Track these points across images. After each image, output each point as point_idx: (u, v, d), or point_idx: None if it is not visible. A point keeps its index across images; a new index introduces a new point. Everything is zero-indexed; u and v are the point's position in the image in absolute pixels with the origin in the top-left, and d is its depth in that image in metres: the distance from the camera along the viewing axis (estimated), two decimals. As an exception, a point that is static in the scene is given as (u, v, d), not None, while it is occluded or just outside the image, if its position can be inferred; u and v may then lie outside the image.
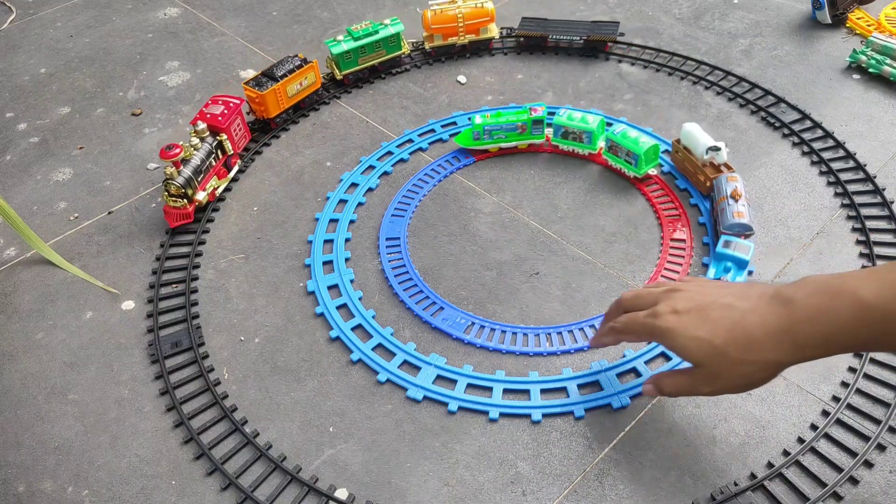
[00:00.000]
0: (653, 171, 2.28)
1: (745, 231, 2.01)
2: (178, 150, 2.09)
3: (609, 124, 2.43)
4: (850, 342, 0.96)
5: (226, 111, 2.29)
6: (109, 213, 2.34)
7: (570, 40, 2.77)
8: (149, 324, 1.98)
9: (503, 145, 2.42)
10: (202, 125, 2.21)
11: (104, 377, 1.87)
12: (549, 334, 1.90)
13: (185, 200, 2.16)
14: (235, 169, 2.39)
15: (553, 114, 2.42)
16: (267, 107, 2.47)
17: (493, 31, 2.83)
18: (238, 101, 2.35)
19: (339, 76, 2.68)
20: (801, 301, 0.97)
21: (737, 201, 2.03)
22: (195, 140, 2.19)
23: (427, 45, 2.80)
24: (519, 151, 2.44)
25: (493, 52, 2.87)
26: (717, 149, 2.12)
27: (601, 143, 2.35)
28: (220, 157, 2.31)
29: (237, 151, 2.40)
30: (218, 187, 2.30)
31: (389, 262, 2.12)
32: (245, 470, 1.65)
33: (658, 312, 1.11)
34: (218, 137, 2.27)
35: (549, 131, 2.40)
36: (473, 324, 1.94)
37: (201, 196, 2.20)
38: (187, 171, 2.14)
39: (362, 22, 2.69)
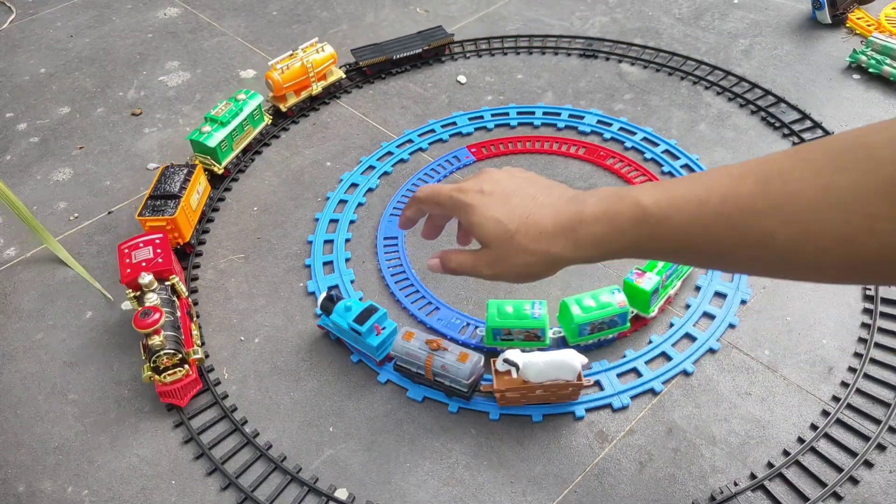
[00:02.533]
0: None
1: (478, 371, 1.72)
2: (158, 315, 1.67)
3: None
4: (624, 245, 0.98)
5: (160, 251, 1.86)
6: (109, 213, 2.34)
7: (413, 54, 2.73)
8: (149, 324, 1.98)
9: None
10: (148, 277, 1.74)
11: (104, 377, 1.87)
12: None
13: (185, 366, 1.70)
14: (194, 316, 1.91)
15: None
16: (181, 231, 2.04)
17: (338, 72, 2.69)
18: (160, 235, 1.91)
19: (219, 170, 2.32)
20: (592, 203, 1.00)
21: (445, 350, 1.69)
22: (151, 298, 1.74)
23: (283, 107, 2.56)
24: (519, 151, 2.44)
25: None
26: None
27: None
28: (179, 302, 1.87)
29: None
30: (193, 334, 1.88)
31: (387, 261, 2.12)
32: (245, 470, 1.65)
33: (464, 188, 1.13)
34: (168, 282, 1.85)
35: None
36: (468, 324, 1.94)
37: (199, 352, 1.78)
38: (169, 330, 1.68)
39: (217, 105, 2.33)
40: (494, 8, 3.14)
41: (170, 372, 1.71)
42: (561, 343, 1.83)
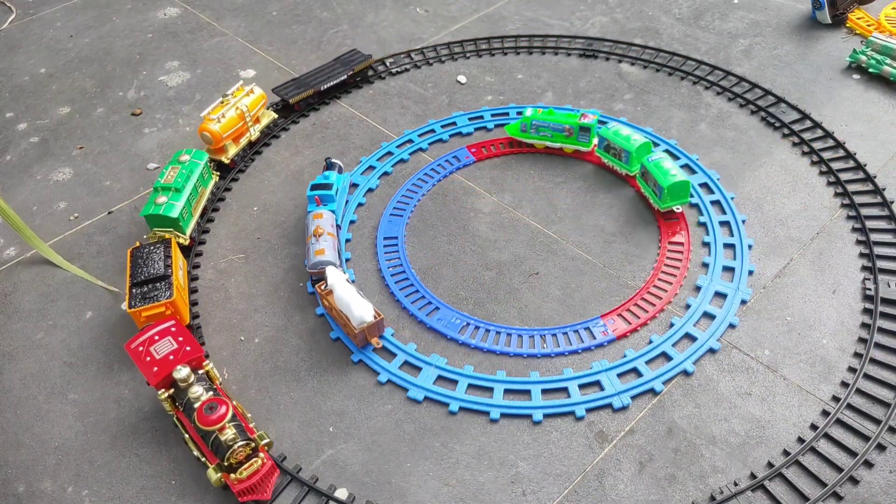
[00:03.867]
0: (677, 209, 2.16)
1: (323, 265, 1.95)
2: (225, 409, 1.51)
3: (656, 144, 2.38)
4: None
5: (181, 338, 1.69)
6: (109, 213, 2.34)
7: (339, 82, 2.64)
8: (149, 324, 1.98)
9: (549, 144, 2.37)
10: (184, 370, 1.58)
11: (104, 377, 1.87)
12: (545, 335, 1.90)
13: (259, 455, 1.56)
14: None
15: (604, 123, 2.42)
16: (181, 312, 1.88)
17: (270, 113, 2.57)
18: (173, 321, 1.74)
19: (185, 241, 2.11)
20: None
21: (318, 234, 1.98)
22: (196, 391, 1.57)
23: (224, 159, 2.38)
24: (520, 151, 2.44)
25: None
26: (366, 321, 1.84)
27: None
28: (217, 388, 1.70)
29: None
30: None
31: (387, 261, 2.11)
32: (245, 470, 1.65)
33: None
34: (203, 369, 1.69)
35: (595, 140, 2.34)
36: (468, 324, 1.94)
37: (265, 435, 1.61)
38: (232, 420, 1.54)
39: (167, 169, 2.12)
40: (494, 8, 3.14)
41: (245, 466, 1.51)
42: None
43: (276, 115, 2.60)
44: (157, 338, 1.68)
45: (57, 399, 1.82)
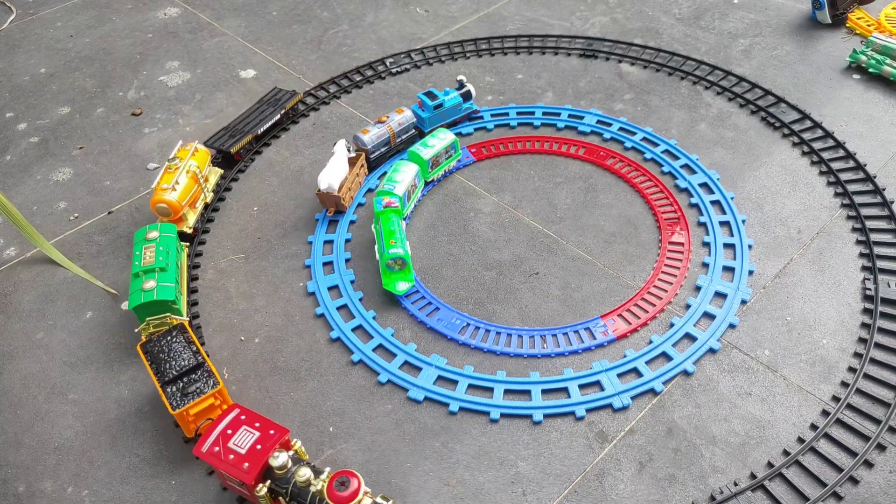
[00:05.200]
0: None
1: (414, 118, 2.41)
2: (357, 483, 1.42)
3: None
4: None
5: (258, 423, 1.54)
6: (109, 213, 2.34)
7: (274, 123, 2.54)
8: (149, 324, 1.98)
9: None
10: (282, 456, 1.46)
11: (104, 377, 1.87)
12: (545, 336, 1.90)
13: None
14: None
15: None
16: (227, 399, 1.72)
17: (216, 170, 2.38)
18: (237, 409, 1.57)
19: (185, 320, 1.84)
20: None
21: (387, 117, 2.36)
22: (304, 473, 1.45)
23: (186, 228, 2.16)
24: (519, 151, 2.44)
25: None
26: (347, 145, 2.30)
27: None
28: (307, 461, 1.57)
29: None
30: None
31: (389, 262, 2.12)
32: (245, 470, 1.65)
33: None
34: (292, 448, 1.56)
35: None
36: (468, 324, 1.94)
37: (381, 498, 1.47)
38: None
39: (138, 251, 1.89)
40: (494, 8, 3.14)
41: None
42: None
43: (221, 171, 2.37)
44: (230, 432, 1.52)
45: (57, 399, 1.82)
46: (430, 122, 2.43)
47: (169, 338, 1.72)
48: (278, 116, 2.55)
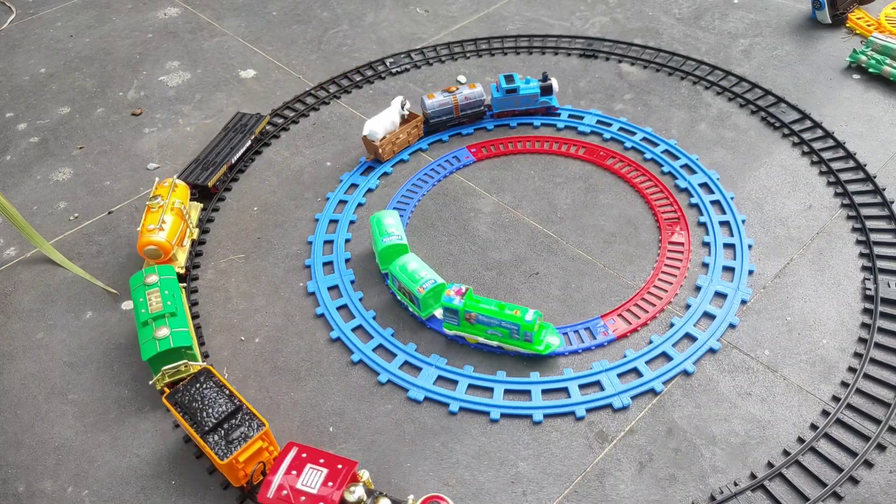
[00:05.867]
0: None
1: (482, 96, 2.43)
2: None
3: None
4: None
5: (322, 459, 1.49)
6: (109, 213, 2.34)
7: (246, 149, 2.42)
8: (149, 324, 1.98)
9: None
10: (357, 490, 1.43)
11: (104, 377, 1.87)
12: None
13: None
14: None
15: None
16: (273, 440, 1.63)
17: (195, 204, 2.26)
18: (294, 448, 1.50)
19: (200, 366, 1.73)
20: None
21: (457, 88, 2.42)
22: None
23: (180, 268, 2.03)
24: (519, 151, 2.44)
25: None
26: (404, 101, 2.41)
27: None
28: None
29: None
30: None
31: (389, 262, 2.12)
32: (245, 470, 1.65)
33: None
34: (360, 480, 1.51)
35: None
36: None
37: None
38: None
39: (140, 298, 1.76)
40: (494, 8, 3.14)
41: None
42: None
43: (201, 205, 2.26)
44: (294, 473, 1.45)
45: (57, 399, 1.82)
46: (500, 105, 2.48)
47: (198, 385, 1.61)
48: (249, 142, 2.46)
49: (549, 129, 2.51)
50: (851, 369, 1.76)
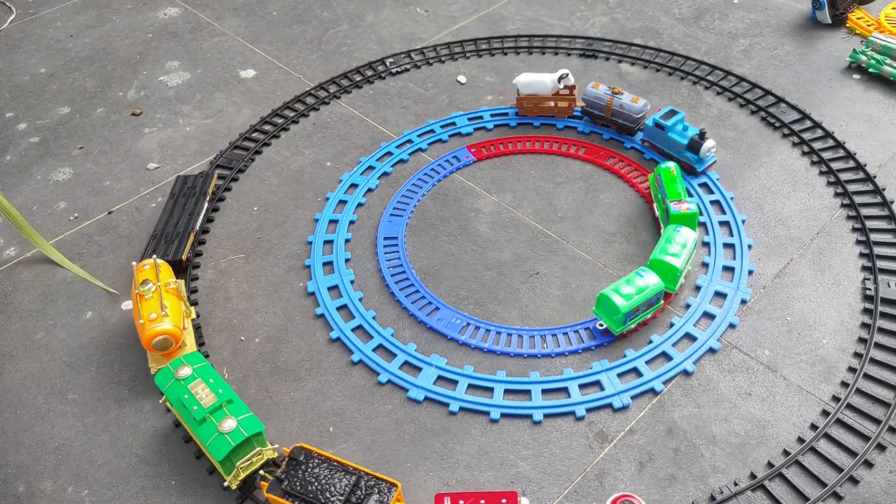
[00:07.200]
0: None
1: (648, 108, 2.36)
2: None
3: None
4: None
5: (483, 500, 1.45)
6: (109, 213, 2.34)
7: (207, 210, 2.22)
8: (149, 324, 1.98)
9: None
10: None
11: (104, 377, 1.87)
12: (545, 336, 1.90)
13: None
14: None
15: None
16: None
17: (179, 282, 1.96)
18: (445, 497, 1.46)
19: (273, 453, 1.61)
20: None
21: (622, 94, 2.36)
22: None
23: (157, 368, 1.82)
24: (519, 151, 2.44)
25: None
26: (565, 75, 2.42)
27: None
28: None
29: None
30: None
31: (387, 260, 2.12)
32: (245, 470, 1.65)
33: None
34: None
35: None
36: (468, 324, 1.94)
37: None
38: None
39: (179, 395, 1.56)
40: (494, 8, 3.14)
41: None
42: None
43: (182, 282, 2.01)
44: None
45: (57, 399, 1.82)
46: (648, 133, 2.34)
47: (302, 467, 1.49)
48: (206, 203, 2.24)
49: (550, 129, 2.51)
50: (851, 369, 1.76)
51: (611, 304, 1.81)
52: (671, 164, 2.11)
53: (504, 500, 1.41)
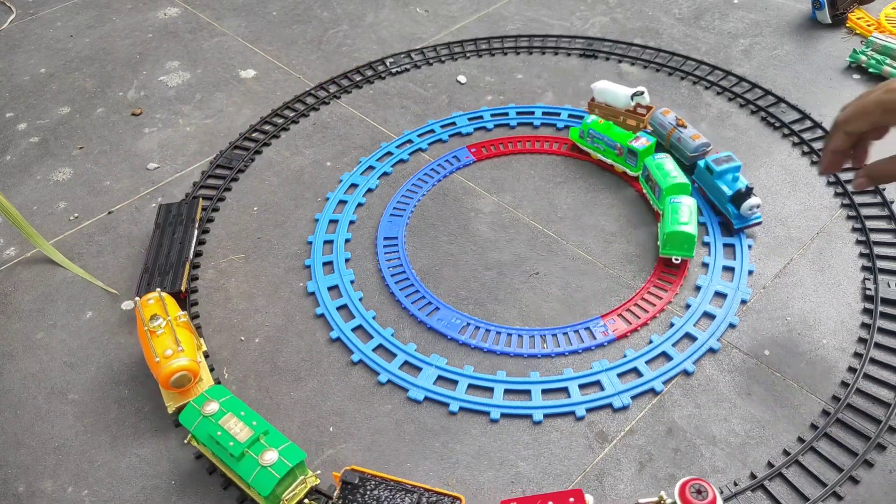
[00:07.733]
0: (676, 259, 2.00)
1: (706, 148, 2.27)
2: (712, 492, 1.38)
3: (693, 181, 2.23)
4: None
5: (558, 499, 1.44)
6: (109, 213, 2.34)
7: (198, 236, 2.15)
8: (149, 324, 1.98)
9: (601, 157, 2.31)
10: None
11: (104, 377, 1.87)
12: (545, 336, 1.91)
13: None
14: None
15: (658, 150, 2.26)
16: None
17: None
18: (528, 500, 1.47)
19: (316, 480, 1.56)
20: None
21: (686, 128, 2.28)
22: None
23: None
24: (519, 151, 2.44)
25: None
26: (640, 92, 2.32)
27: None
28: None
29: None
30: None
31: (387, 260, 2.12)
32: (245, 470, 1.65)
33: (892, 87, 1.17)
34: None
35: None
36: (468, 324, 1.94)
37: None
38: None
39: (212, 433, 1.48)
40: (494, 8, 3.14)
41: None
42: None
43: (185, 313, 1.96)
44: None
45: (57, 399, 1.82)
46: (696, 174, 2.23)
47: (360, 491, 1.43)
48: (196, 231, 2.17)
49: (550, 129, 2.52)
50: (851, 369, 1.76)
51: (683, 237, 1.94)
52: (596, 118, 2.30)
53: (571, 499, 1.40)
